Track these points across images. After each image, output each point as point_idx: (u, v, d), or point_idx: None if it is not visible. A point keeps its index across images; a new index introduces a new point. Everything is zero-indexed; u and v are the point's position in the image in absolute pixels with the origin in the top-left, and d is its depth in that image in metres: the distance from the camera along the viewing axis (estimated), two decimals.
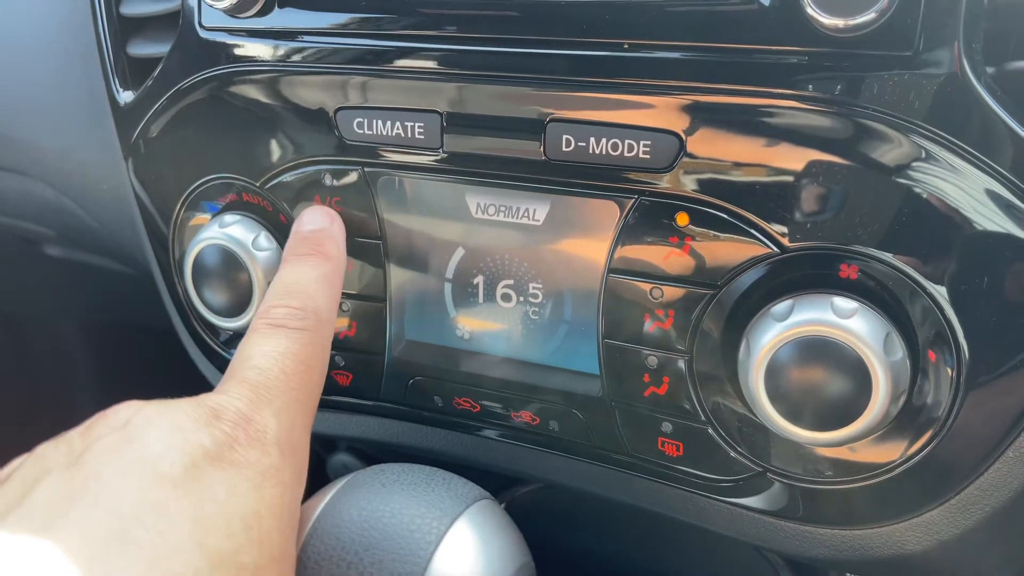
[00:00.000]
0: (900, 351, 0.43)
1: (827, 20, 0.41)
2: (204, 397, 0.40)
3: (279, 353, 0.44)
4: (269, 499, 0.37)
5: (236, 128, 0.59)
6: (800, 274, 0.46)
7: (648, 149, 0.47)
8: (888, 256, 0.44)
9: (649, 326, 0.50)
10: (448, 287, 0.56)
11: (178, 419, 0.38)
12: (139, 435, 0.36)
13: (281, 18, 0.55)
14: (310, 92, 0.55)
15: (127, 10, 0.64)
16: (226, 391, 0.41)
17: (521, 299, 0.55)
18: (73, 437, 0.38)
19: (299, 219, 0.55)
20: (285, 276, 0.50)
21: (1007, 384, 0.44)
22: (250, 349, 0.44)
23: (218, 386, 0.43)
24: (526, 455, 0.59)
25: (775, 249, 0.46)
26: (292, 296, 0.47)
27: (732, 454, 0.51)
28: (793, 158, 0.45)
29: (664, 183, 0.48)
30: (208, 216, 0.62)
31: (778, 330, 0.44)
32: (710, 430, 0.51)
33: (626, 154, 0.48)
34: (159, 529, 0.32)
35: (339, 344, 0.60)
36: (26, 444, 0.39)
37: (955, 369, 0.44)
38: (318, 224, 0.53)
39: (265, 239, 0.58)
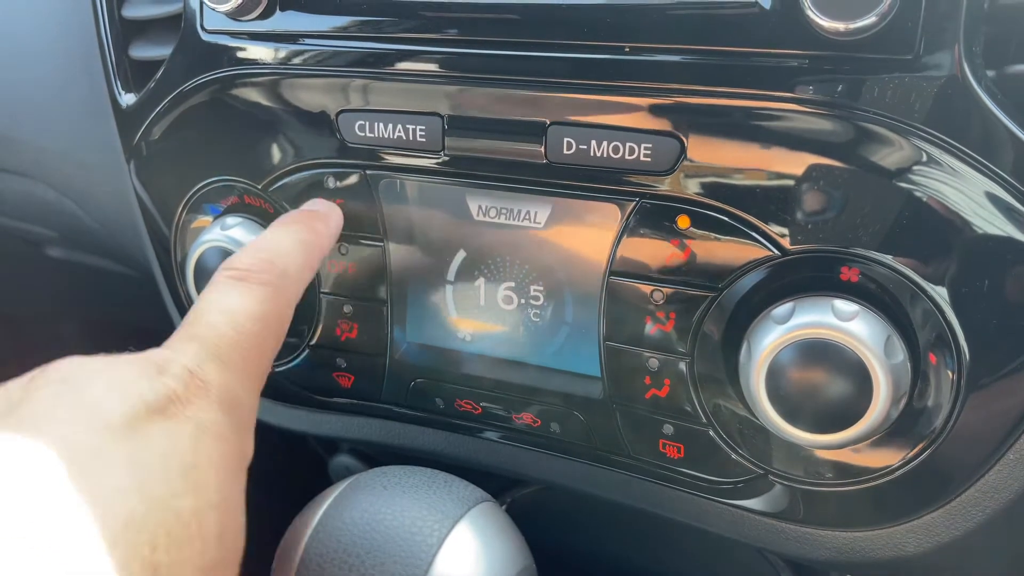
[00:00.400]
0: (901, 354, 0.43)
1: (827, 23, 0.41)
2: (150, 352, 0.40)
3: (234, 309, 0.43)
4: (207, 452, 0.37)
5: (238, 131, 0.59)
6: (801, 277, 0.46)
7: (649, 152, 0.47)
8: (889, 259, 0.44)
9: (650, 328, 0.50)
10: (449, 289, 0.57)
11: (121, 372, 0.38)
12: (81, 386, 0.36)
13: (283, 21, 0.55)
14: (312, 95, 0.55)
15: (129, 13, 0.64)
16: (172, 347, 0.41)
17: (522, 301, 0.55)
18: (12, 387, 0.38)
19: (303, 205, 0.56)
20: (264, 235, 0.50)
21: (1008, 387, 0.44)
22: (205, 303, 0.44)
23: (168, 340, 0.43)
24: (527, 457, 0.59)
25: (776, 252, 0.46)
26: (262, 250, 0.47)
27: (733, 456, 0.51)
28: (794, 161, 0.45)
29: (665, 186, 0.48)
30: (210, 218, 0.62)
31: (779, 332, 0.44)
32: (711, 432, 0.51)
33: (627, 157, 0.48)
34: (97, 474, 0.33)
35: (341, 346, 0.60)
36: None
37: (956, 372, 0.44)
38: (316, 207, 0.55)
39: None
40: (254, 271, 0.45)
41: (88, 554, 0.30)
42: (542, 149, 0.50)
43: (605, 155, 0.48)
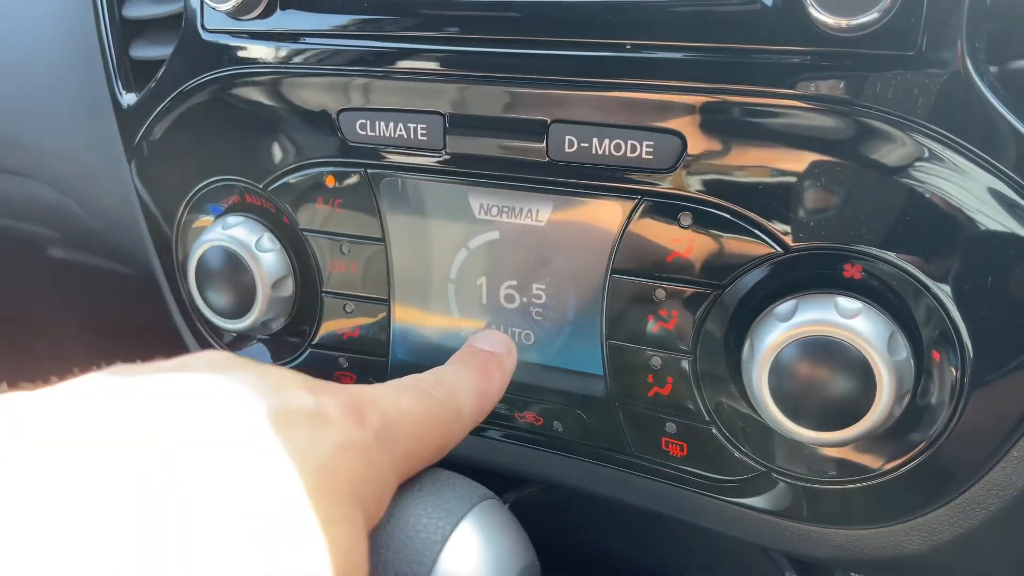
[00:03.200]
0: (904, 351, 0.43)
1: (829, 20, 0.41)
2: (317, 380, 0.39)
3: (412, 399, 0.42)
4: (348, 465, 0.35)
5: (239, 130, 0.59)
6: (804, 274, 0.46)
7: (651, 149, 0.47)
8: (892, 256, 0.44)
9: (652, 326, 0.50)
10: (451, 288, 0.56)
11: (278, 374, 0.37)
12: (229, 371, 0.35)
13: (283, 20, 0.55)
14: (313, 94, 0.55)
15: (130, 12, 0.64)
16: (334, 383, 0.39)
17: (524, 300, 0.55)
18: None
19: (478, 336, 0.52)
20: (441, 370, 0.47)
21: (1012, 384, 0.43)
22: (380, 385, 0.42)
23: None
24: (530, 455, 0.59)
25: (778, 249, 0.46)
26: (442, 384, 0.45)
27: (736, 454, 0.51)
28: (796, 158, 0.45)
29: (667, 183, 0.48)
30: (211, 218, 0.62)
31: (782, 330, 0.44)
32: (714, 430, 0.51)
33: (629, 155, 0.48)
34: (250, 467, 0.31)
35: (342, 345, 0.60)
36: None
37: (959, 369, 0.44)
38: (494, 347, 0.51)
39: (268, 240, 0.58)
40: (435, 389, 0.43)
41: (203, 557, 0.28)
42: (544, 147, 0.50)
43: (607, 153, 0.48)
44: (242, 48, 0.57)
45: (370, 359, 0.60)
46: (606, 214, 0.50)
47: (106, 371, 0.34)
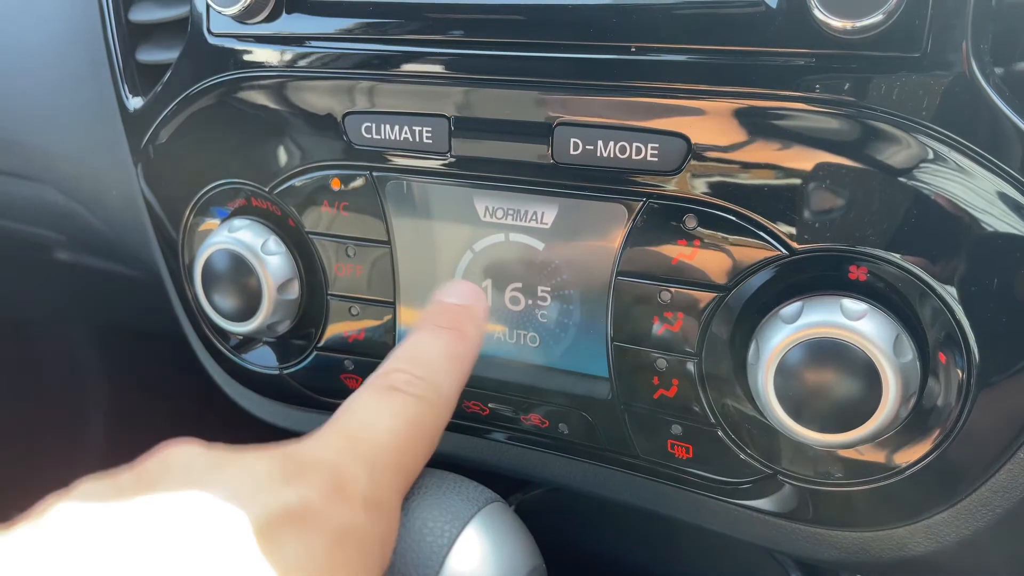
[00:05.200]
0: (910, 353, 0.43)
1: (834, 22, 0.41)
2: (290, 447, 0.37)
3: (390, 413, 0.41)
4: (344, 560, 0.34)
5: (245, 133, 0.59)
6: (809, 276, 0.46)
7: (656, 152, 0.47)
8: (897, 257, 0.44)
9: (658, 328, 0.50)
10: None
11: (252, 470, 0.35)
12: (204, 482, 0.33)
13: (289, 24, 0.56)
14: (318, 97, 0.55)
15: (136, 16, 0.65)
16: (318, 440, 0.38)
17: (529, 302, 0.55)
18: (123, 477, 0.35)
19: (443, 289, 0.50)
20: (414, 343, 0.46)
21: (1017, 385, 0.43)
22: (357, 404, 0.42)
23: (315, 433, 0.39)
24: (535, 458, 0.59)
25: (784, 251, 0.46)
26: (417, 365, 0.44)
27: (742, 456, 0.51)
28: (801, 160, 0.45)
29: (672, 186, 0.48)
30: (217, 221, 0.62)
31: (787, 332, 0.44)
32: (720, 432, 0.51)
33: (634, 157, 0.48)
34: None
35: (348, 347, 0.61)
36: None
37: (965, 371, 0.44)
38: (462, 298, 0.49)
39: (274, 243, 0.59)
40: (410, 386, 0.43)
41: None
42: (548, 150, 0.50)
43: (612, 155, 0.48)
44: (248, 52, 0.57)
45: (376, 362, 0.59)
46: (611, 216, 0.50)
47: (74, 497, 0.33)
